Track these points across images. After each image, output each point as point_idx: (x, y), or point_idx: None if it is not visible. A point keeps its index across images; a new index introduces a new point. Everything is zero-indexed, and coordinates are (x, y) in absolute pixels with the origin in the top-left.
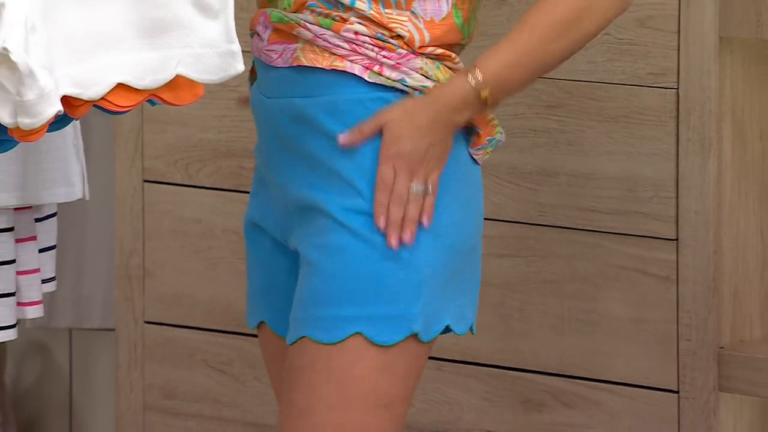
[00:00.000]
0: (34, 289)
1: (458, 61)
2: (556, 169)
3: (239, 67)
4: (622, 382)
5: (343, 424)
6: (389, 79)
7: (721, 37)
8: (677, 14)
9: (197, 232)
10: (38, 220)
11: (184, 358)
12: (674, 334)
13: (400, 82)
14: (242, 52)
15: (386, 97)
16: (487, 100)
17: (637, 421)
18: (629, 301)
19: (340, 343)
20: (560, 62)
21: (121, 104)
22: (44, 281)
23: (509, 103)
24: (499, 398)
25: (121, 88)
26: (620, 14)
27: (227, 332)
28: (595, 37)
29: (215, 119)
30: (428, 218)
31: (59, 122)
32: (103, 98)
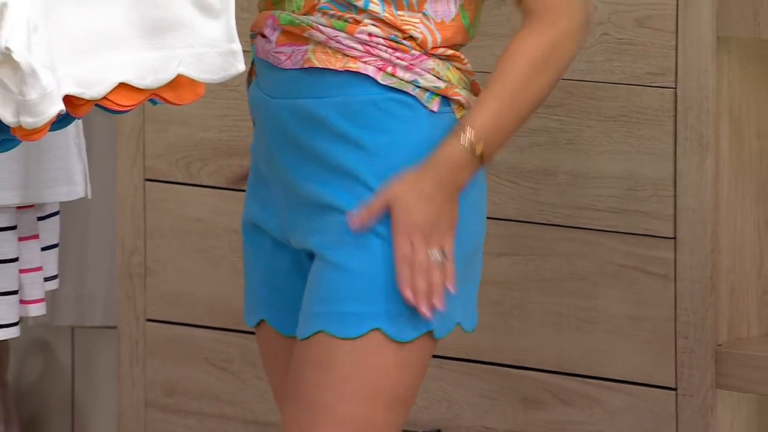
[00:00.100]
0: (36, 287)
1: (467, 61)
2: (555, 168)
3: (240, 66)
4: (620, 379)
5: (361, 419)
6: (402, 80)
7: (718, 36)
8: (675, 14)
9: (198, 230)
10: (41, 218)
11: (185, 355)
12: (672, 331)
13: (412, 83)
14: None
15: (399, 98)
16: (483, 154)
17: (635, 418)
18: (628, 299)
19: (358, 338)
20: (542, 101)
21: (122, 103)
22: (47, 279)
23: None
24: (498, 396)
25: (122, 87)
26: (582, 44)
27: (228, 330)
28: (565, 71)
29: (216, 118)
30: (452, 284)
31: (61, 121)
32: (104, 97)
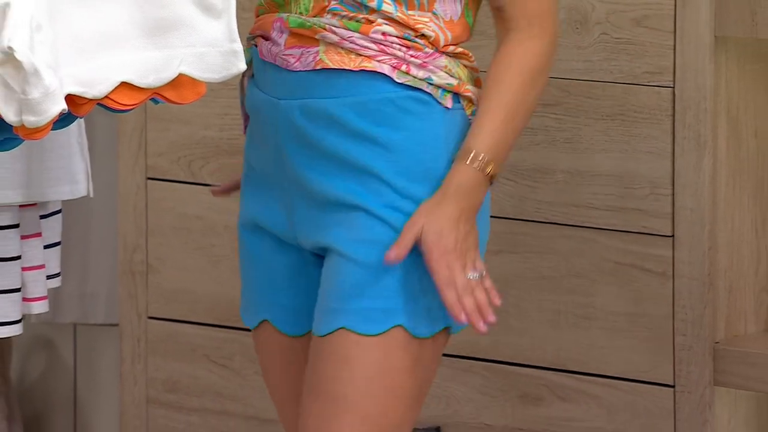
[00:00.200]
0: (39, 284)
1: (473, 58)
2: (553, 166)
3: (241, 65)
4: (618, 376)
5: (382, 415)
6: (416, 78)
7: (716, 36)
8: (673, 14)
9: (199, 228)
10: (43, 217)
11: (186, 352)
12: (670, 329)
13: (426, 80)
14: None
15: (415, 95)
16: (493, 174)
17: (633, 415)
18: (625, 296)
19: (380, 335)
20: (533, 112)
21: (124, 103)
22: (49, 277)
23: None
24: (496, 392)
25: (124, 86)
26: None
27: (229, 327)
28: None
29: (218, 117)
30: (495, 298)
31: (64, 120)
32: (107, 97)
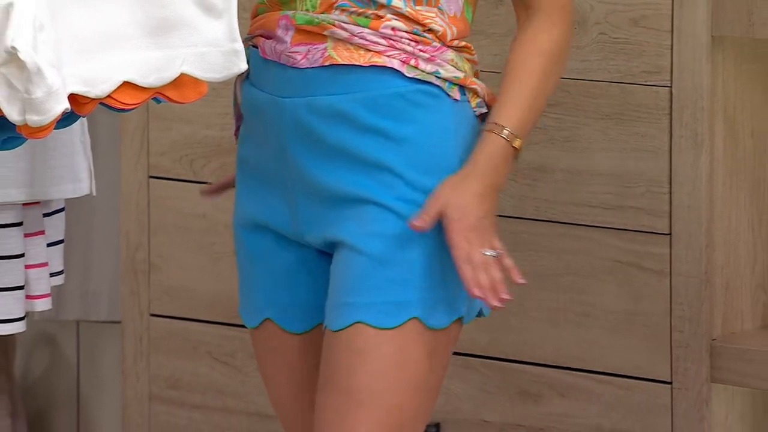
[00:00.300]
0: (42, 282)
1: (474, 52)
2: (552, 165)
3: (242, 65)
4: (616, 373)
5: (399, 408)
6: (424, 71)
7: (713, 36)
8: (671, 14)
9: (201, 227)
10: (46, 215)
11: (188, 349)
12: (667, 326)
13: (434, 74)
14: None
15: (425, 88)
16: (520, 148)
17: (631, 411)
18: (623, 294)
19: (397, 327)
20: (553, 93)
21: (127, 102)
22: (52, 275)
23: None
24: (496, 389)
25: (127, 86)
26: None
27: (230, 324)
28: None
29: (219, 116)
30: (518, 277)
31: (67, 119)
32: (109, 96)
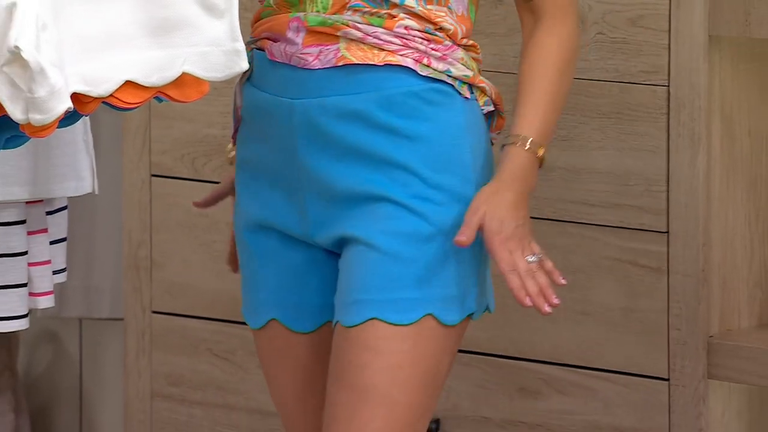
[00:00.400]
0: (45, 279)
1: (479, 51)
2: (550, 163)
3: (244, 65)
4: (614, 370)
5: (410, 404)
6: (436, 70)
7: (710, 35)
8: (668, 14)
9: (203, 225)
10: (49, 213)
11: (190, 346)
12: (665, 323)
13: (445, 73)
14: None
15: (437, 87)
16: (544, 157)
17: (628, 407)
18: (621, 291)
19: (412, 324)
20: (568, 94)
21: (129, 101)
22: (55, 272)
23: (507, 101)
24: (495, 386)
25: (129, 85)
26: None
27: (231, 322)
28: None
29: (220, 115)
30: (559, 278)
31: (69, 118)
32: (111, 95)
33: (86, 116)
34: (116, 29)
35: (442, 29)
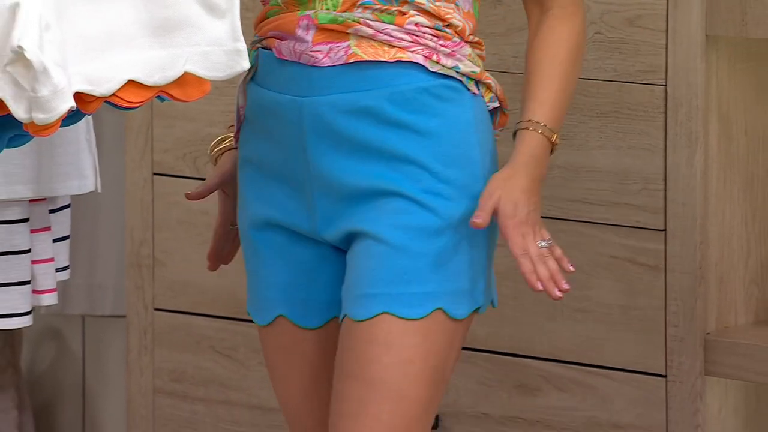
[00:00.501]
0: (48, 277)
1: (484, 48)
2: (549, 162)
3: (245, 64)
4: (612, 366)
5: (419, 398)
6: (445, 66)
7: (707, 35)
8: (665, 14)
9: (204, 223)
10: (52, 211)
11: (192, 343)
12: (662, 320)
13: (454, 69)
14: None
15: (447, 83)
16: (556, 143)
17: (626, 404)
18: (619, 289)
19: (423, 318)
20: (577, 83)
21: (131, 100)
22: (58, 270)
23: (508, 100)
24: (494, 382)
25: (131, 84)
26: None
27: (233, 319)
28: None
29: (222, 114)
30: (568, 265)
31: (72, 117)
32: (114, 94)
33: (89, 115)
34: (118, 29)
35: (450, 26)
